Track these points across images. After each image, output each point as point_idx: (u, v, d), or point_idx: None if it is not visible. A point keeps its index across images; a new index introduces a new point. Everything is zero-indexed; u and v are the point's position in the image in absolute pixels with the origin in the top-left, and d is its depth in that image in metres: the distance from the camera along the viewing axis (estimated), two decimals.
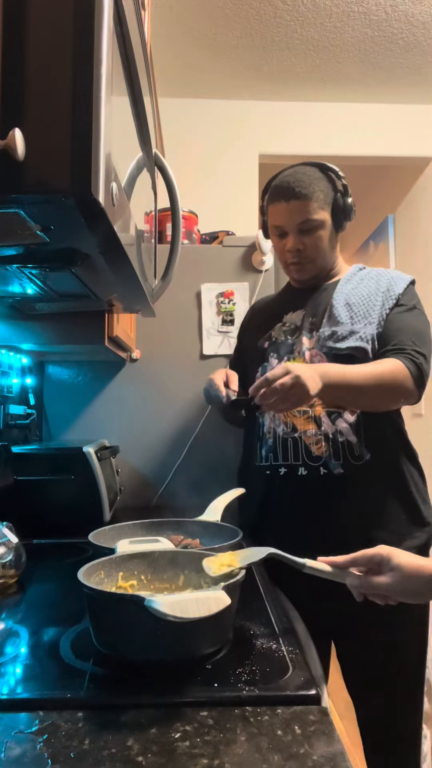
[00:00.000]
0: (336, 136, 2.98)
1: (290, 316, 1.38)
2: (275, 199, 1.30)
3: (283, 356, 1.33)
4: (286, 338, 1.35)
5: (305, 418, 1.27)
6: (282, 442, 1.29)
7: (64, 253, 0.77)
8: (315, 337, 1.30)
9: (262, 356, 1.38)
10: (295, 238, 1.29)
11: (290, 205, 1.27)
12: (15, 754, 0.52)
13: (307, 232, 1.28)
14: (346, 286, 1.33)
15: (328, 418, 1.24)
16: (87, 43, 0.55)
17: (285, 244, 1.32)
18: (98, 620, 0.72)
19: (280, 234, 1.32)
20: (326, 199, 1.28)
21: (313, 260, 1.32)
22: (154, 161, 1.13)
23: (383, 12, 2.36)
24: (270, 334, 1.39)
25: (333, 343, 1.25)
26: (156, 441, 1.87)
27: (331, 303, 1.30)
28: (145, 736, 0.55)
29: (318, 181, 1.28)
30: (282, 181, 1.30)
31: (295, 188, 1.26)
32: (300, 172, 1.29)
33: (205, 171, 2.91)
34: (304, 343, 1.31)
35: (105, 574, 0.82)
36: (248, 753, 0.53)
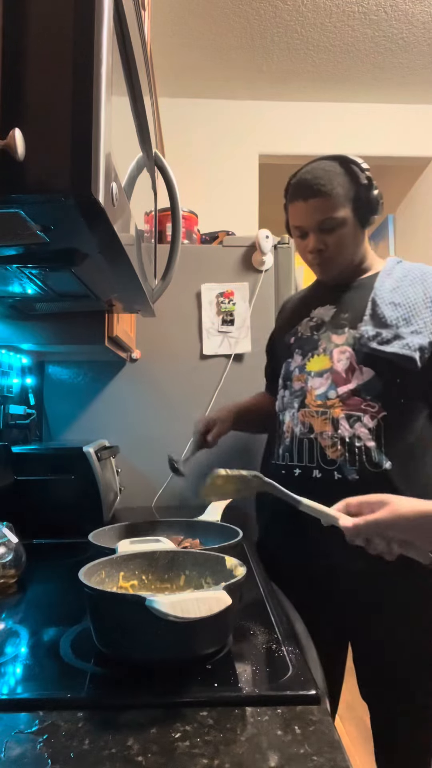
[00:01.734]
0: (336, 136, 2.98)
1: (318, 311, 1.32)
2: (294, 197, 1.24)
3: (307, 352, 1.28)
4: (311, 334, 1.29)
5: (323, 419, 1.21)
6: (298, 442, 1.24)
7: (64, 253, 0.77)
8: (348, 334, 1.23)
9: (287, 352, 1.34)
10: (316, 238, 1.23)
11: (309, 203, 1.21)
12: (15, 754, 0.52)
13: (328, 231, 1.22)
14: (386, 281, 1.26)
15: (347, 421, 1.18)
16: (87, 43, 0.55)
17: (306, 245, 1.26)
18: (99, 620, 0.72)
19: (301, 234, 1.26)
20: (347, 195, 1.21)
21: (336, 259, 1.26)
22: (154, 161, 1.13)
23: (383, 12, 2.36)
24: (296, 329, 1.34)
25: (377, 345, 1.17)
26: (156, 441, 1.87)
27: (374, 300, 1.23)
28: (145, 736, 0.55)
29: (338, 176, 1.21)
30: (300, 179, 1.24)
31: (313, 185, 1.20)
32: (319, 168, 1.23)
33: (205, 171, 2.91)
34: (333, 339, 1.24)
35: (106, 574, 0.82)
36: (248, 753, 0.53)
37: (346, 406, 1.19)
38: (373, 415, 1.18)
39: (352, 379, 1.20)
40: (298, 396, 1.27)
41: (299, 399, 1.26)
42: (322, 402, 1.22)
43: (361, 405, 1.18)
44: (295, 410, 1.26)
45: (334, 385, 1.21)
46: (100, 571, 0.81)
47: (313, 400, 1.23)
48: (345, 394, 1.19)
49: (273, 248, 1.90)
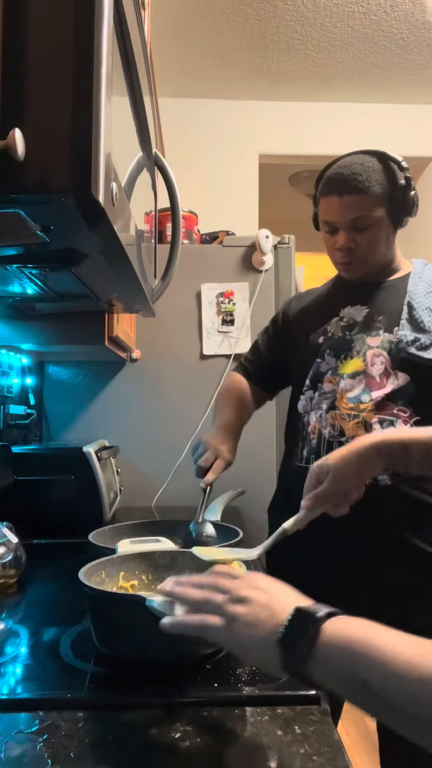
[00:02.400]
0: (336, 136, 2.98)
1: (348, 311, 1.26)
2: (327, 191, 1.17)
3: (340, 353, 1.23)
4: (343, 334, 1.24)
5: (355, 422, 1.17)
6: (327, 444, 1.20)
7: (64, 253, 0.77)
8: (383, 338, 1.19)
9: (316, 352, 1.27)
10: (346, 236, 1.18)
11: (343, 200, 1.15)
12: (15, 754, 0.52)
13: (360, 229, 1.17)
14: (419, 285, 1.22)
15: (380, 425, 1.16)
16: (87, 43, 0.55)
17: (336, 241, 1.20)
18: (99, 620, 0.72)
19: (331, 230, 1.21)
20: (384, 194, 1.16)
21: (366, 260, 1.21)
22: (154, 161, 1.13)
23: (383, 12, 2.36)
24: (325, 328, 1.28)
25: (416, 351, 1.14)
26: (156, 441, 1.87)
27: (410, 304, 1.19)
28: (145, 736, 0.55)
29: (376, 173, 1.16)
30: (336, 173, 1.17)
31: (349, 181, 1.14)
32: (357, 163, 1.16)
33: (205, 171, 2.91)
34: (368, 342, 1.20)
35: (106, 574, 0.82)
36: (248, 753, 0.53)
37: (379, 410, 1.16)
38: (405, 420, 1.16)
39: (386, 383, 1.16)
40: (328, 398, 1.23)
41: (329, 401, 1.22)
42: (354, 405, 1.18)
43: (393, 410, 1.16)
44: (323, 412, 1.23)
45: (367, 389, 1.18)
46: (100, 571, 0.81)
47: (345, 402, 1.20)
48: (378, 399, 1.16)
49: (273, 248, 1.90)
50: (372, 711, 0.48)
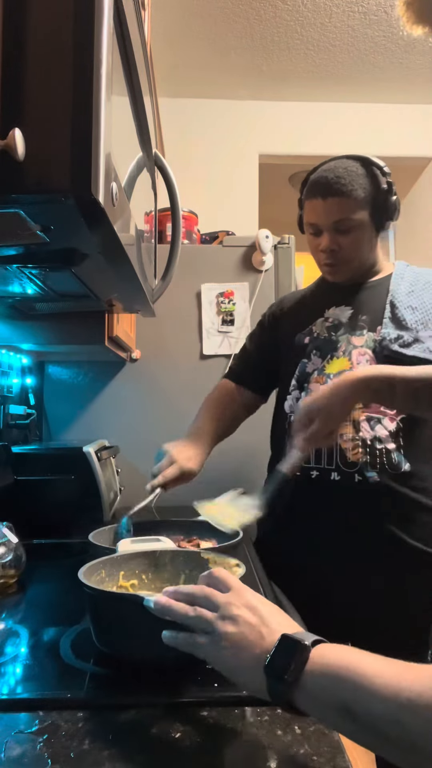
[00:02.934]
0: (336, 136, 2.98)
1: (333, 312, 1.29)
2: (312, 194, 1.22)
3: (326, 353, 1.26)
4: (329, 335, 1.27)
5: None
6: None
7: (64, 253, 0.77)
8: (367, 337, 1.22)
9: (302, 352, 1.30)
10: (330, 238, 1.21)
11: (327, 202, 1.18)
12: (15, 754, 0.52)
13: (343, 231, 1.20)
14: (400, 285, 1.25)
15: (367, 423, 1.18)
16: (87, 44, 0.55)
17: (319, 243, 1.24)
18: (99, 620, 0.72)
19: (315, 232, 1.24)
20: (367, 198, 1.19)
21: (349, 262, 1.24)
22: (154, 161, 1.13)
23: (383, 12, 2.36)
24: (311, 329, 1.31)
25: (399, 348, 1.17)
26: (156, 441, 1.86)
27: (393, 303, 1.22)
28: (145, 736, 0.55)
29: (359, 177, 1.19)
30: (320, 176, 1.21)
31: (333, 185, 1.18)
32: (340, 167, 1.20)
33: (205, 171, 2.91)
34: (352, 341, 1.23)
35: (106, 573, 0.82)
36: (248, 753, 0.53)
37: (366, 408, 1.18)
38: (392, 418, 1.17)
39: None
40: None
41: None
42: None
43: (380, 407, 1.18)
44: None
45: None
46: (100, 570, 0.81)
47: None
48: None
49: (273, 248, 1.90)
50: (360, 740, 0.48)
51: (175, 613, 0.60)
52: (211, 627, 0.57)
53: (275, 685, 0.51)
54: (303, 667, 0.50)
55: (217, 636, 0.56)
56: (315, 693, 0.49)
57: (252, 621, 0.56)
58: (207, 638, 0.57)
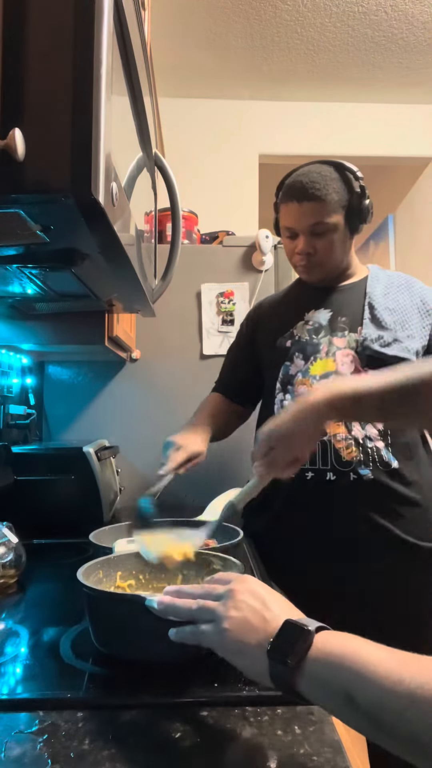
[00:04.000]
0: (336, 136, 2.98)
1: (313, 315, 1.32)
2: (287, 198, 1.25)
3: (309, 356, 1.28)
4: (311, 337, 1.29)
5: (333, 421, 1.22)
6: None
7: (64, 253, 0.77)
8: (349, 338, 1.25)
9: (284, 355, 1.32)
10: (306, 241, 1.25)
11: (302, 206, 1.22)
12: (15, 754, 0.52)
13: (318, 234, 1.23)
14: (376, 287, 1.29)
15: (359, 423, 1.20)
16: (87, 43, 0.55)
17: (295, 246, 1.27)
18: (98, 620, 0.72)
19: (291, 235, 1.27)
20: (341, 201, 1.23)
21: (323, 264, 1.28)
22: (154, 161, 1.13)
23: (383, 12, 2.36)
24: (292, 332, 1.33)
25: (380, 347, 1.20)
26: (156, 441, 1.86)
27: (371, 304, 1.26)
28: (145, 736, 0.55)
29: (333, 181, 1.22)
30: (295, 181, 1.25)
31: (308, 189, 1.21)
32: (315, 172, 1.24)
33: (205, 171, 2.91)
34: (335, 343, 1.26)
35: (103, 573, 0.82)
36: (248, 753, 0.53)
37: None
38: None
39: None
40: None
41: None
42: None
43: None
44: None
45: None
46: (97, 571, 0.81)
47: None
48: None
49: (273, 248, 1.90)
50: (360, 727, 0.48)
51: (178, 609, 0.60)
52: (214, 615, 0.57)
53: (278, 669, 0.51)
54: (306, 651, 0.50)
55: (221, 621, 0.56)
56: (317, 678, 0.50)
57: (255, 606, 0.56)
58: (211, 625, 0.57)
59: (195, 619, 0.59)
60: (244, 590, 0.58)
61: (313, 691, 0.50)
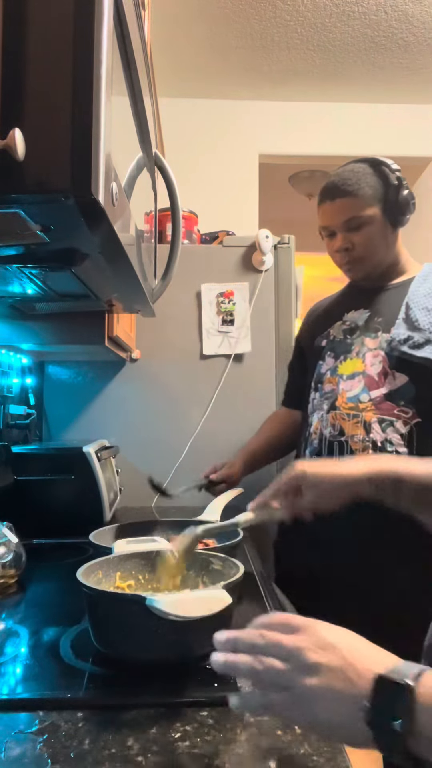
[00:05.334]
0: (336, 136, 2.98)
1: (351, 315, 1.31)
2: (322, 199, 1.26)
3: (339, 355, 1.27)
4: (344, 337, 1.29)
5: (354, 422, 1.20)
6: (328, 445, 1.23)
7: (64, 253, 0.77)
8: (381, 338, 1.22)
9: (319, 354, 1.32)
10: (343, 237, 1.25)
11: (335, 203, 1.23)
12: (15, 754, 0.52)
13: (355, 229, 1.23)
14: (422, 286, 1.25)
15: (379, 425, 1.17)
16: (87, 43, 0.55)
17: (334, 244, 1.27)
18: (99, 620, 0.72)
19: (329, 234, 1.27)
20: (376, 195, 1.22)
21: (364, 259, 1.26)
22: (154, 161, 1.13)
23: (383, 12, 2.36)
24: (328, 332, 1.33)
25: (408, 349, 1.17)
26: (156, 441, 1.87)
27: (407, 304, 1.22)
28: (145, 736, 0.55)
29: (366, 176, 1.22)
30: (328, 182, 1.26)
31: (340, 186, 1.22)
32: (347, 170, 1.25)
33: (205, 171, 2.91)
34: (366, 343, 1.24)
35: (103, 574, 0.82)
36: (248, 753, 0.53)
37: (378, 410, 1.18)
38: (406, 421, 1.16)
39: (384, 383, 1.19)
40: (329, 398, 1.26)
41: (329, 401, 1.25)
42: (353, 405, 1.21)
43: (394, 410, 1.17)
44: (324, 412, 1.25)
45: (366, 389, 1.20)
46: (96, 571, 0.81)
47: (345, 402, 1.22)
48: (378, 398, 1.18)
49: (273, 248, 1.90)
50: None
51: (239, 669, 0.51)
52: (287, 681, 0.47)
53: (385, 739, 0.44)
54: (413, 712, 0.43)
55: (298, 691, 0.47)
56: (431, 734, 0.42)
57: (335, 665, 0.47)
58: (285, 695, 0.47)
59: (261, 682, 0.49)
60: (317, 647, 0.48)
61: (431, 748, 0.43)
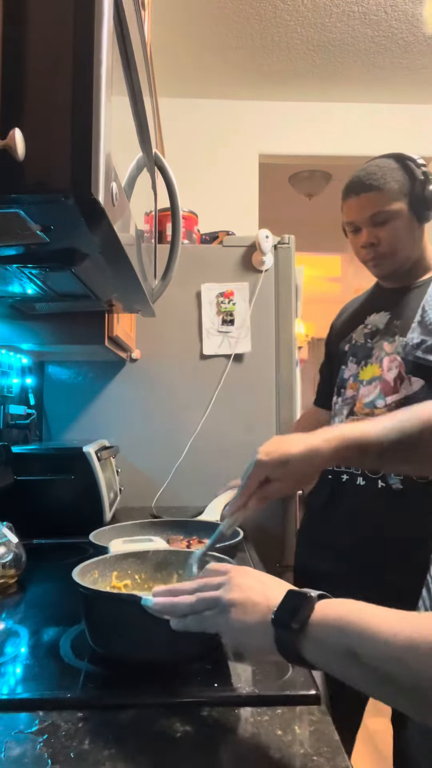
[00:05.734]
0: (336, 136, 2.98)
1: (373, 318, 1.30)
2: (347, 195, 1.25)
3: (361, 360, 1.27)
4: (365, 342, 1.28)
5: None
6: None
7: (64, 253, 0.76)
8: (397, 342, 1.21)
9: (343, 359, 1.32)
10: (368, 232, 1.23)
11: (361, 198, 1.22)
12: (15, 754, 0.52)
13: (380, 224, 1.22)
14: None
15: None
16: (87, 43, 0.55)
17: (359, 240, 1.26)
18: (95, 620, 0.72)
19: (354, 230, 1.26)
20: (402, 189, 1.21)
21: (391, 254, 1.24)
22: (154, 161, 1.13)
23: (383, 12, 2.36)
24: (351, 336, 1.33)
25: (422, 353, 1.15)
26: (156, 441, 1.87)
27: (423, 306, 1.20)
28: (145, 736, 0.55)
29: (392, 171, 1.21)
30: (353, 177, 1.25)
31: (365, 181, 1.22)
32: (373, 165, 1.24)
33: (205, 171, 2.91)
34: (384, 348, 1.23)
35: (99, 573, 0.82)
36: (248, 753, 0.53)
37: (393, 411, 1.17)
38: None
39: (400, 388, 1.17)
40: (349, 403, 1.27)
41: (349, 406, 1.26)
42: (369, 410, 1.21)
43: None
44: (344, 417, 1.26)
45: (382, 394, 1.20)
46: (92, 571, 0.81)
47: (362, 407, 1.23)
48: (393, 404, 1.17)
49: (273, 248, 1.90)
50: (364, 684, 0.49)
51: (176, 606, 0.61)
52: (216, 601, 0.58)
53: (283, 635, 0.52)
54: (309, 615, 0.52)
55: (224, 604, 0.57)
56: (321, 640, 0.51)
57: (256, 586, 0.58)
58: (214, 610, 0.58)
59: (196, 611, 0.59)
60: (243, 574, 0.60)
61: (318, 655, 0.51)
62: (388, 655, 0.46)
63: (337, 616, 0.51)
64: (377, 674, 0.47)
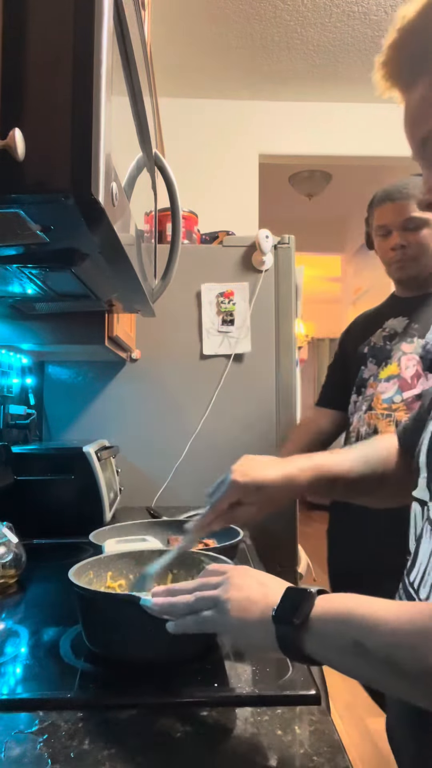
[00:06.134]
0: (336, 136, 2.98)
1: (391, 322, 1.40)
2: (382, 201, 1.36)
3: (381, 361, 1.35)
4: (384, 344, 1.37)
5: (387, 421, 1.28)
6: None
7: (64, 253, 0.76)
8: (416, 343, 1.30)
9: (361, 361, 1.41)
10: (399, 235, 1.33)
11: (396, 204, 1.33)
12: (15, 754, 0.52)
13: (412, 229, 1.32)
14: None
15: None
16: (87, 43, 0.55)
17: (389, 243, 1.35)
18: (93, 621, 0.72)
19: (385, 233, 1.36)
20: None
21: (417, 258, 1.34)
22: (154, 161, 1.13)
23: (383, 12, 2.36)
24: (370, 339, 1.42)
25: None
26: (156, 441, 1.87)
27: None
28: (145, 736, 0.55)
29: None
30: (390, 186, 1.37)
31: (401, 189, 1.32)
32: (405, 179, 1.35)
33: (205, 171, 2.91)
34: (403, 348, 1.32)
35: (94, 574, 0.82)
36: (248, 753, 0.53)
37: (410, 409, 1.24)
38: None
39: (417, 384, 1.26)
40: (368, 400, 1.34)
41: (368, 402, 1.34)
42: (387, 405, 1.29)
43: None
44: (362, 412, 1.34)
45: (399, 390, 1.28)
46: (88, 571, 0.81)
47: (380, 403, 1.30)
48: (410, 399, 1.25)
49: (273, 248, 1.90)
50: (372, 676, 0.49)
51: (176, 606, 0.60)
52: (215, 600, 0.57)
53: (284, 632, 0.52)
54: (310, 611, 0.51)
55: (222, 603, 0.56)
56: (324, 634, 0.50)
57: (255, 585, 0.57)
58: (213, 610, 0.57)
59: (195, 611, 0.59)
60: (242, 573, 0.60)
61: (321, 649, 0.51)
62: (396, 643, 0.46)
63: (340, 609, 0.51)
64: (385, 663, 0.46)
